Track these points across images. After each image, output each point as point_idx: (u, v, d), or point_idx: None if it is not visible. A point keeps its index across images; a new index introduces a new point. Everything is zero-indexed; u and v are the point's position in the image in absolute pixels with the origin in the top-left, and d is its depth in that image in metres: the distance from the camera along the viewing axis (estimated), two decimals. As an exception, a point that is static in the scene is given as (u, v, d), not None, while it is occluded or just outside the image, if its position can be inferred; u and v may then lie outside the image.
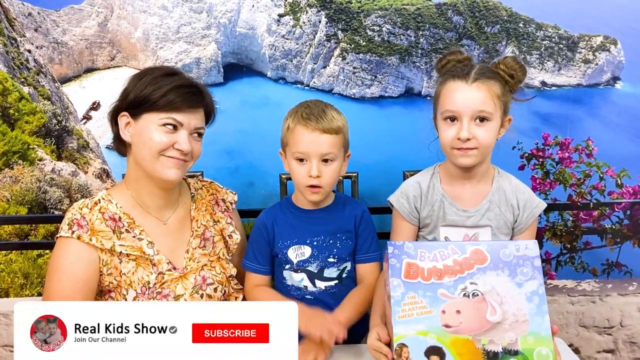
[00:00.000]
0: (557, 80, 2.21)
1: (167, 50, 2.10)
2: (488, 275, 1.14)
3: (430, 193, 1.52)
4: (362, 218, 1.58)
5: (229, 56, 2.14)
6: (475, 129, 1.40)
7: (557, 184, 2.20)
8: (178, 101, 1.36)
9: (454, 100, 1.41)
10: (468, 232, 1.51)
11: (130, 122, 1.40)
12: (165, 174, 1.38)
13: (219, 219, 1.58)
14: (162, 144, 1.36)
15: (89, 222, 1.36)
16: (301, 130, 1.46)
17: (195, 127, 1.41)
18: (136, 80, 1.40)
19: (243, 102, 2.10)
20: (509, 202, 1.50)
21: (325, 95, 2.15)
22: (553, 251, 2.25)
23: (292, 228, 1.55)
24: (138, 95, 1.37)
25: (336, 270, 1.54)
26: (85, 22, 2.08)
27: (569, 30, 2.17)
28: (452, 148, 1.43)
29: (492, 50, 2.15)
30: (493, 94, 1.41)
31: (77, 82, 2.12)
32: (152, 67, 1.46)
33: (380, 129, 2.15)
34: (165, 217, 1.48)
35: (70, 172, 2.14)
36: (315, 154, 1.46)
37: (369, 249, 1.57)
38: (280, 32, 2.13)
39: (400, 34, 2.12)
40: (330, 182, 1.50)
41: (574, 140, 2.18)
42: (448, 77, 1.45)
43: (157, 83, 1.37)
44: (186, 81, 1.41)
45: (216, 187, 1.65)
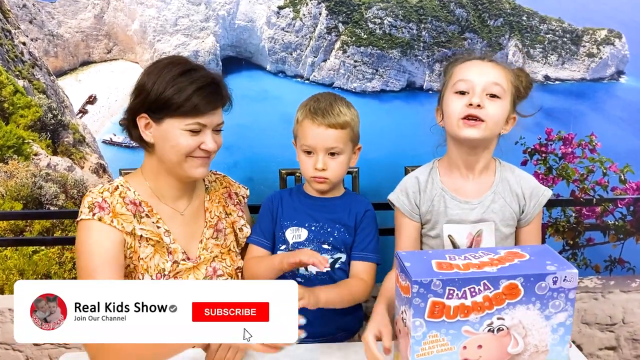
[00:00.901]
0: (561, 74, 2.20)
1: (165, 42, 2.08)
2: (517, 309, 1.08)
3: (429, 187, 1.50)
4: (365, 216, 1.59)
5: (228, 49, 2.12)
6: (487, 102, 1.37)
7: (560, 180, 2.19)
8: (202, 104, 1.36)
9: (469, 71, 1.40)
10: (472, 230, 1.48)
11: (151, 123, 1.40)
12: (194, 173, 1.42)
13: (231, 212, 1.60)
14: (189, 147, 1.38)
15: (110, 204, 1.38)
16: (308, 124, 1.50)
17: (217, 123, 1.44)
18: (154, 78, 1.38)
19: (242, 96, 2.06)
20: (514, 191, 1.48)
21: (325, 89, 2.13)
22: (555, 247, 2.23)
23: (294, 210, 1.59)
24: (158, 97, 1.36)
25: (329, 258, 1.55)
26: (81, 14, 2.05)
27: (573, 24, 2.15)
28: (459, 119, 1.39)
29: (495, 44, 2.13)
30: (507, 75, 1.41)
31: (73, 75, 2.10)
32: (168, 62, 1.42)
33: (382, 123, 2.14)
34: (182, 208, 1.51)
35: (66, 167, 2.13)
36: (321, 147, 1.50)
37: (367, 247, 1.57)
38: (279, 25, 2.11)
39: (402, 26, 2.10)
40: (337, 174, 1.54)
41: (577, 136, 2.17)
42: (462, 58, 1.45)
43: (178, 84, 1.35)
44: (206, 79, 1.39)
45: (229, 180, 1.68)
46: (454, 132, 1.43)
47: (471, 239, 1.49)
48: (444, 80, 1.50)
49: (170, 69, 1.38)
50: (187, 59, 1.46)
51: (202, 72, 1.40)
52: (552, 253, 1.15)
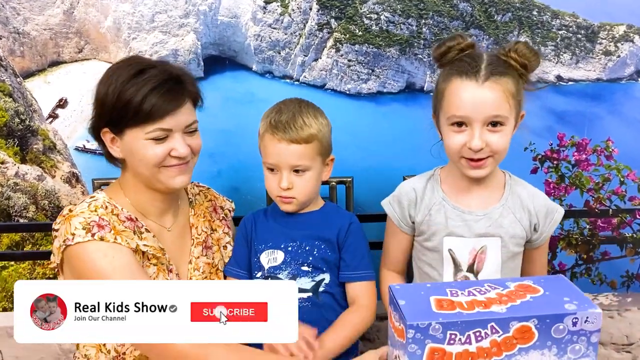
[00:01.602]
0: (575, 74, 2.13)
1: (141, 41, 2.00)
2: (531, 355, 0.97)
3: (427, 196, 1.44)
4: (349, 230, 1.48)
5: (210, 47, 2.05)
6: (489, 135, 1.29)
7: (573, 189, 2.11)
8: (159, 107, 1.26)
9: (463, 103, 1.28)
10: (475, 245, 1.41)
11: (115, 138, 1.31)
12: (172, 183, 1.34)
13: (216, 228, 1.55)
14: (157, 158, 1.30)
15: (109, 221, 1.28)
16: (269, 139, 1.42)
17: (186, 124, 1.33)
18: (105, 89, 1.29)
19: (225, 99, 2.03)
20: (526, 207, 1.41)
21: (317, 91, 2.08)
22: (568, 262, 2.16)
23: (268, 231, 1.51)
24: (113, 107, 1.27)
25: (310, 280, 1.46)
26: (49, 9, 1.98)
27: (589, 19, 2.09)
28: (461, 157, 1.32)
29: (503, 41, 2.07)
30: (508, 94, 1.28)
31: (42, 76, 2.05)
32: (117, 65, 1.34)
33: (378, 128, 2.08)
34: (168, 224, 1.44)
35: (36, 176, 2.06)
36: (284, 165, 1.41)
37: (359, 265, 1.48)
38: (266, 21, 2.04)
39: (401, 22, 2.04)
40: (305, 192, 1.46)
41: (593, 141, 2.09)
42: (453, 74, 1.31)
43: (128, 91, 1.26)
44: (162, 75, 1.29)
45: (214, 193, 1.62)
46: (456, 165, 1.37)
47: (474, 255, 1.41)
48: (435, 95, 1.39)
49: (121, 73, 1.29)
50: (143, 57, 1.39)
51: (158, 69, 1.31)
52: (569, 286, 1.06)
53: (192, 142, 1.34)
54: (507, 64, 1.31)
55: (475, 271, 1.42)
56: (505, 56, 1.32)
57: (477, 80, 1.27)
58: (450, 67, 1.32)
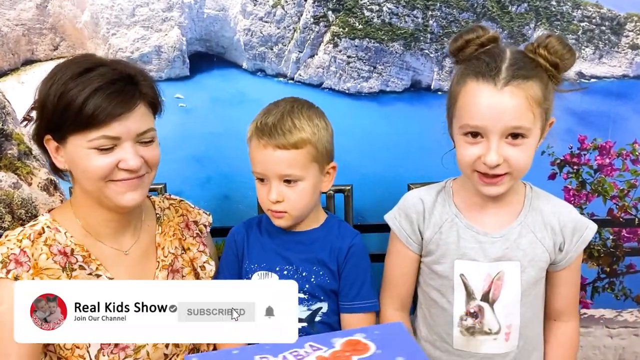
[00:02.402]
0: (598, 70, 2.04)
1: (121, 37, 1.88)
2: None
3: (437, 211, 1.34)
4: (349, 255, 1.38)
5: (196, 44, 1.95)
6: (507, 149, 1.16)
7: (595, 196, 2.04)
8: (103, 109, 1.14)
9: (478, 111, 1.15)
10: (490, 271, 1.30)
11: (59, 146, 1.21)
12: (121, 201, 1.23)
13: (189, 246, 1.43)
14: (101, 170, 1.18)
15: (31, 257, 1.19)
16: (255, 144, 1.32)
17: (137, 132, 1.20)
18: (46, 90, 1.18)
19: (214, 99, 1.94)
20: (548, 224, 1.30)
21: (313, 90, 1.98)
22: (589, 276, 2.09)
23: (261, 249, 1.42)
24: (52, 112, 1.17)
25: (306, 309, 1.37)
26: (20, 3, 1.86)
27: (614, 9, 1.99)
28: (473, 171, 1.20)
29: (518, 34, 1.97)
30: (532, 102, 1.14)
31: (15, 76, 1.94)
32: (64, 64, 1.22)
33: (380, 131, 1.99)
34: (126, 246, 1.33)
35: (11, 184, 1.96)
36: (272, 174, 1.31)
37: (359, 294, 1.40)
38: (257, 14, 1.94)
39: (405, 14, 1.96)
40: (298, 206, 1.35)
41: (617, 144, 2.01)
42: (469, 74, 1.18)
43: (70, 91, 1.15)
44: (109, 75, 1.18)
45: (187, 206, 1.50)
46: (468, 179, 1.26)
47: (489, 281, 1.30)
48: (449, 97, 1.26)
49: (66, 71, 1.17)
50: (95, 55, 1.28)
51: (108, 68, 1.20)
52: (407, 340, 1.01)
53: (146, 154, 1.22)
54: (534, 63, 1.17)
55: (491, 300, 1.30)
56: (533, 53, 1.18)
57: (495, 83, 1.13)
58: (467, 66, 1.19)
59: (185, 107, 1.89)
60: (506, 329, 1.30)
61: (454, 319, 1.31)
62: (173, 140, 1.85)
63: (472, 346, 1.31)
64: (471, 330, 1.30)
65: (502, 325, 1.29)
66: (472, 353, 1.31)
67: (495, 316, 1.30)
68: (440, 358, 1.34)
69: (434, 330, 1.35)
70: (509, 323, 1.29)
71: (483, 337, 1.30)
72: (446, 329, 1.32)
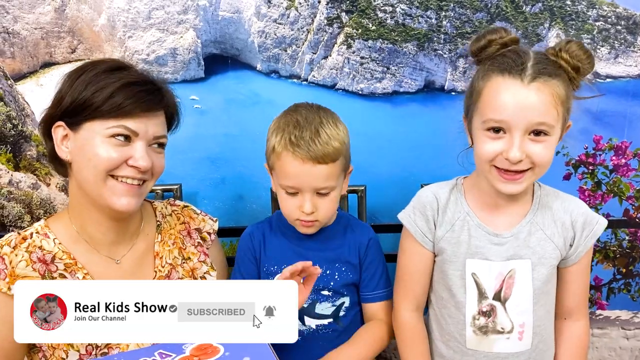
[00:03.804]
0: (613, 70, 2.02)
1: (137, 39, 1.90)
2: None
3: (451, 208, 1.34)
4: (369, 247, 1.42)
5: (211, 46, 1.96)
6: (531, 145, 1.16)
7: (611, 197, 2.03)
8: (129, 103, 1.15)
9: (503, 106, 1.15)
10: (502, 269, 1.30)
11: (69, 134, 1.19)
12: (115, 202, 1.19)
13: (189, 255, 1.38)
14: (111, 161, 1.16)
15: (8, 264, 1.18)
16: (289, 159, 1.28)
17: (154, 135, 1.20)
18: (72, 79, 1.19)
19: (228, 101, 1.94)
20: (558, 220, 1.30)
21: (327, 91, 1.98)
22: (605, 276, 2.08)
23: (280, 251, 1.42)
24: (76, 98, 1.16)
25: (330, 305, 1.40)
26: (39, 7, 1.88)
27: (630, 8, 1.97)
28: (492, 166, 1.20)
29: (532, 34, 1.96)
30: (557, 99, 1.15)
31: (34, 79, 1.96)
32: (94, 61, 1.24)
33: (394, 131, 1.99)
34: (119, 255, 1.30)
35: (30, 185, 1.98)
36: (308, 188, 1.30)
37: (378, 285, 1.44)
38: (271, 16, 1.95)
39: (419, 15, 1.95)
40: (328, 214, 1.37)
41: (633, 144, 2.00)
42: (494, 70, 1.19)
43: (101, 82, 1.15)
44: (139, 77, 1.20)
45: (190, 212, 1.45)
46: (484, 175, 1.26)
47: (501, 280, 1.30)
48: (470, 93, 1.25)
49: (94, 67, 1.19)
50: (119, 60, 1.27)
51: (136, 71, 1.23)
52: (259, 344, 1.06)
53: (155, 160, 1.21)
54: (556, 64, 1.18)
55: (503, 299, 1.30)
56: (555, 56, 1.19)
57: (522, 79, 1.13)
58: (491, 63, 1.19)
59: (200, 109, 1.90)
60: (519, 328, 1.29)
61: (467, 318, 1.30)
62: (188, 141, 1.86)
63: (485, 345, 1.30)
64: (484, 329, 1.30)
65: (514, 324, 1.29)
66: (485, 352, 1.30)
67: (507, 315, 1.29)
68: (453, 358, 1.33)
69: (446, 330, 1.34)
70: (522, 322, 1.29)
71: (496, 336, 1.29)
72: (459, 328, 1.32)
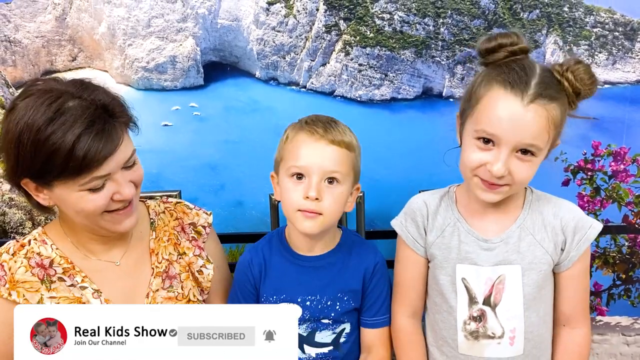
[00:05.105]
0: (611, 76, 2.04)
1: (137, 47, 1.93)
2: None
3: (441, 215, 1.34)
4: (374, 273, 1.36)
5: (210, 53, 1.98)
6: (515, 163, 1.16)
7: (610, 202, 2.03)
8: (94, 153, 1.08)
9: (498, 120, 1.15)
10: (491, 274, 1.29)
11: (40, 187, 1.15)
12: (118, 229, 1.22)
13: (184, 251, 1.37)
14: (98, 207, 1.15)
15: (7, 271, 1.19)
16: (303, 138, 1.25)
17: (124, 159, 1.16)
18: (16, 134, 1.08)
19: (227, 108, 1.96)
20: (548, 225, 1.29)
21: (325, 98, 2.00)
22: (604, 282, 2.09)
23: (281, 278, 1.35)
24: (31, 165, 1.09)
25: (331, 333, 1.34)
26: (40, 16, 1.91)
27: (627, 15, 1.99)
28: (474, 175, 1.20)
29: (530, 41, 1.91)
30: (551, 123, 1.15)
31: None
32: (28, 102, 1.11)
33: (392, 138, 2.00)
34: (117, 257, 1.29)
35: None
36: (318, 169, 1.24)
37: (378, 312, 1.37)
38: (270, 24, 1.96)
39: (416, 22, 1.96)
40: (332, 210, 1.28)
41: (632, 150, 2.01)
42: (497, 81, 1.18)
43: (50, 138, 1.06)
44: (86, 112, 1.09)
45: (183, 208, 1.43)
46: (466, 181, 1.26)
47: (490, 285, 1.29)
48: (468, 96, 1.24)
49: (35, 113, 1.08)
50: (52, 82, 1.16)
51: (79, 102, 1.11)
52: None
53: (133, 177, 1.19)
54: (560, 85, 1.17)
55: (493, 304, 1.29)
56: (560, 75, 1.17)
57: (522, 97, 1.13)
58: (497, 72, 1.18)
59: (200, 116, 1.91)
60: (510, 333, 1.29)
61: (458, 323, 1.30)
62: (188, 148, 1.88)
63: (476, 350, 1.30)
64: (475, 334, 1.30)
65: (505, 329, 1.28)
66: (476, 357, 1.30)
67: (497, 320, 1.28)
68: (446, 363, 1.34)
69: (439, 335, 1.34)
70: (513, 327, 1.28)
71: (487, 341, 1.29)
72: (451, 333, 1.32)
